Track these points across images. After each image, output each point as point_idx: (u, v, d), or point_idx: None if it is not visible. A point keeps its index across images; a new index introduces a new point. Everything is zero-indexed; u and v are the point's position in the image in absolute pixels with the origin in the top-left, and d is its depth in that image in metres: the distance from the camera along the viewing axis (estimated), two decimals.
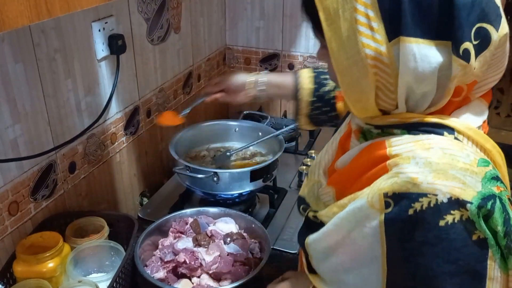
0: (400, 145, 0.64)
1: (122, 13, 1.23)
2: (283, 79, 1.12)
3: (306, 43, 1.79)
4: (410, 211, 0.59)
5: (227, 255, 1.05)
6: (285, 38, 1.81)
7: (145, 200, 1.42)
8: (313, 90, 1.07)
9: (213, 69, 1.81)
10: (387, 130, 0.68)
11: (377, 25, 0.60)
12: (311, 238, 0.75)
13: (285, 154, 1.46)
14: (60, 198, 1.11)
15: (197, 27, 1.63)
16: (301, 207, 0.83)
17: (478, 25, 0.59)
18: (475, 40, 0.59)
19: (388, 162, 0.63)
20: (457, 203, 0.57)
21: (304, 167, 1.48)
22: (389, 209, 0.60)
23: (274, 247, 1.19)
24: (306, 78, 1.08)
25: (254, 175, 1.27)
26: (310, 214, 0.79)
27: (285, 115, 1.90)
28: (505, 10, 1.92)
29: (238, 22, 1.85)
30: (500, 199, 0.59)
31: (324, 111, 1.07)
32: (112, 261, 1.05)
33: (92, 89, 1.16)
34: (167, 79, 1.49)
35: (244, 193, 1.31)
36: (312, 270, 0.79)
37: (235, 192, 1.29)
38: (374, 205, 0.62)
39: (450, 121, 0.64)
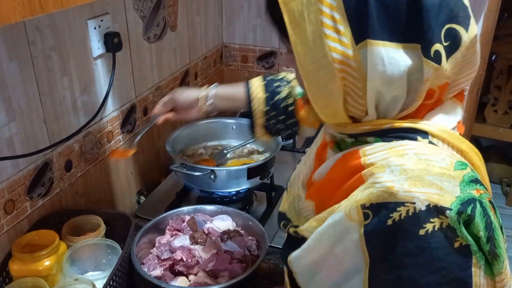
0: (374, 153, 0.62)
1: (118, 10, 1.22)
2: (233, 91, 1.07)
3: None
4: (389, 221, 0.57)
5: (224, 252, 1.05)
6: None
7: (142, 198, 1.42)
8: (266, 99, 1.02)
9: (210, 67, 1.80)
10: (361, 139, 0.66)
11: (344, 28, 0.58)
12: (294, 255, 0.73)
13: (282, 151, 1.46)
14: (56, 197, 1.10)
15: (194, 25, 1.63)
16: (282, 223, 0.81)
17: (447, 26, 0.58)
18: (445, 41, 0.58)
19: (363, 172, 0.61)
20: (436, 210, 0.55)
21: None
22: (368, 221, 0.59)
23: (271, 245, 1.18)
24: (257, 87, 1.03)
25: (251, 173, 1.26)
26: (291, 230, 0.76)
27: None
28: (503, 9, 1.89)
29: (235, 20, 1.85)
30: (481, 203, 0.57)
31: (280, 119, 1.03)
32: (109, 259, 1.04)
33: (88, 87, 1.16)
34: (164, 77, 1.49)
35: (241, 191, 1.30)
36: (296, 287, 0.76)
37: (232, 190, 1.29)
38: (352, 218, 0.60)
39: (423, 125, 0.63)
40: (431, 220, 0.55)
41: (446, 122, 0.65)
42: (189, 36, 1.61)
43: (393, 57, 0.58)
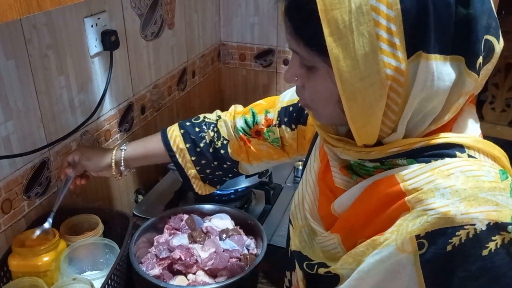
0: (415, 177, 0.58)
1: (115, 8, 1.22)
2: (147, 147, 1.00)
3: None
4: (448, 247, 0.54)
5: (223, 251, 1.05)
6: (280, 34, 1.80)
7: (140, 197, 1.41)
8: (188, 149, 0.95)
9: (207, 65, 1.80)
10: (388, 162, 0.61)
11: (399, 41, 0.53)
12: None
13: None
14: (54, 196, 1.10)
15: (191, 23, 1.63)
16: (305, 264, 0.74)
17: (485, 37, 0.56)
18: (482, 52, 0.56)
19: (406, 198, 0.57)
20: (496, 228, 0.53)
21: (300, 162, 1.48)
22: (424, 250, 0.55)
23: (270, 243, 1.18)
24: (176, 137, 0.96)
25: None
26: (321, 271, 0.70)
27: None
28: (501, 6, 1.88)
29: (232, 18, 1.84)
30: None
31: (214, 166, 0.97)
32: (107, 259, 1.04)
33: (85, 86, 1.15)
34: (161, 75, 1.48)
35: (239, 189, 1.30)
36: None
37: (231, 188, 1.28)
38: (405, 250, 0.56)
39: (457, 138, 0.59)
40: (493, 238, 0.53)
41: (475, 129, 0.63)
42: (187, 34, 1.60)
43: (440, 71, 0.55)
